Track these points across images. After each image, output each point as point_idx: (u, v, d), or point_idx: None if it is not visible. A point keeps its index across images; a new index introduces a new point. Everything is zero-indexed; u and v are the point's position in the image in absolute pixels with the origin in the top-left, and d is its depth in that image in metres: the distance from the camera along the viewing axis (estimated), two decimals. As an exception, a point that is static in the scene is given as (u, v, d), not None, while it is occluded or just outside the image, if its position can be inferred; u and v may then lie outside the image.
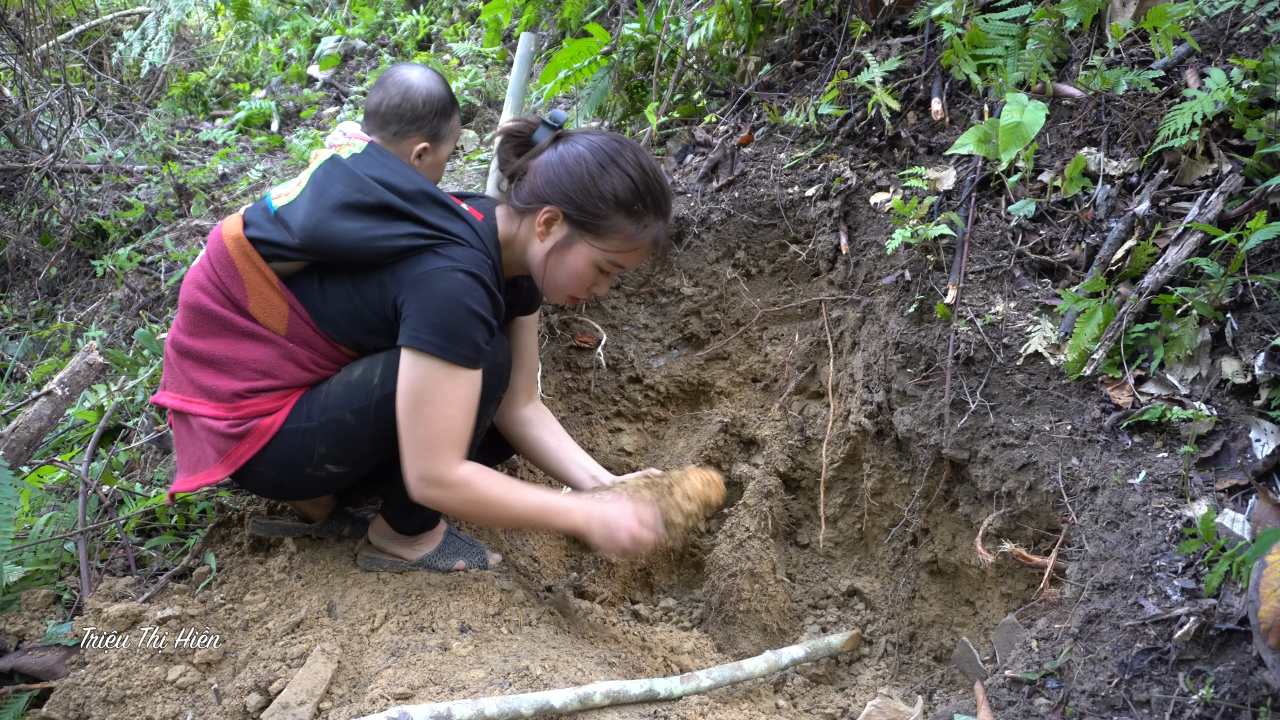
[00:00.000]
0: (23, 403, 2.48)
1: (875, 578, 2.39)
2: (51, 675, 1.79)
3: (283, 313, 1.82)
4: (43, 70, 4.70)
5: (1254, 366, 1.61)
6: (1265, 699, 1.27)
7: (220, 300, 1.84)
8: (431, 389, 1.69)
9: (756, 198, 2.56)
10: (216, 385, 1.84)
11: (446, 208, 1.80)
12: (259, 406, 1.83)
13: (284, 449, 1.82)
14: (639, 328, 2.72)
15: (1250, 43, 1.99)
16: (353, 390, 1.82)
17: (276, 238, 1.80)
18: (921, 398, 2.06)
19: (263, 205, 1.88)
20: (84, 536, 2.12)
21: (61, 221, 4.38)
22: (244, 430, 1.82)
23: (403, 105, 2.31)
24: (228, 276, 1.84)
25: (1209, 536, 1.42)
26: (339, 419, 1.81)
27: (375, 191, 1.77)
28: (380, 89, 2.34)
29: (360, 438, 1.83)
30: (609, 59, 3.06)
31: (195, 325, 1.87)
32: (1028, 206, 2.03)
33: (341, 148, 1.89)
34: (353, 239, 1.74)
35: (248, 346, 1.84)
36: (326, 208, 1.77)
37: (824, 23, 2.82)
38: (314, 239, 1.76)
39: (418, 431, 1.70)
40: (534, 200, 1.84)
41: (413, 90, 2.31)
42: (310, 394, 1.85)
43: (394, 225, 1.75)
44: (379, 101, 2.33)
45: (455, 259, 1.72)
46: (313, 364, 1.85)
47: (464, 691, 1.59)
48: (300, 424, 1.82)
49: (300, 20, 5.93)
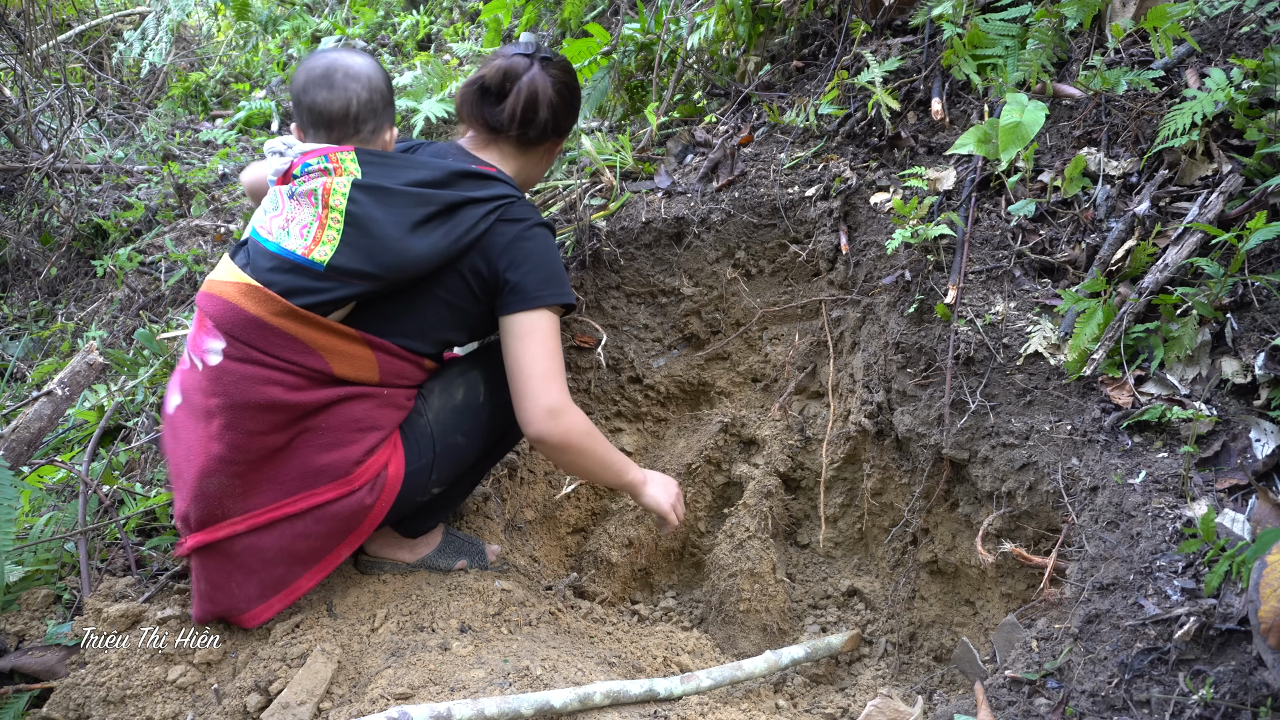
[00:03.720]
0: (23, 403, 2.48)
1: (875, 578, 2.39)
2: (52, 675, 1.79)
3: (370, 360, 1.75)
4: (43, 70, 4.70)
5: (1254, 366, 1.61)
6: (1265, 699, 1.27)
7: (299, 384, 1.69)
8: (544, 332, 1.79)
9: (756, 198, 2.56)
10: (329, 462, 1.71)
11: (476, 176, 1.85)
12: (379, 461, 1.78)
13: (407, 490, 1.83)
14: (639, 328, 2.72)
15: (1250, 43, 1.99)
16: (461, 413, 1.87)
17: (343, 293, 1.69)
18: (921, 398, 2.06)
19: (288, 265, 1.68)
20: (84, 536, 2.12)
21: (62, 221, 4.38)
22: (379, 492, 1.77)
23: (373, 98, 1.95)
24: (298, 354, 1.68)
25: (1209, 536, 1.42)
26: (452, 444, 1.86)
27: (431, 197, 1.76)
28: (334, 89, 1.91)
29: (469, 455, 1.90)
30: (609, 59, 3.06)
31: (269, 423, 1.68)
32: (1028, 206, 2.03)
33: (334, 172, 1.75)
34: (442, 248, 1.74)
35: (342, 410, 1.73)
36: (399, 236, 1.71)
37: (824, 23, 2.82)
38: (401, 269, 1.72)
39: (537, 370, 1.77)
40: (550, 135, 2.01)
41: (374, 79, 1.96)
42: (411, 429, 1.83)
43: (463, 216, 1.78)
44: (345, 103, 1.92)
45: (525, 217, 1.84)
46: (406, 400, 1.84)
47: (464, 691, 1.59)
48: (418, 461, 1.82)
49: (300, 20, 5.93)
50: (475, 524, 2.36)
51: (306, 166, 1.77)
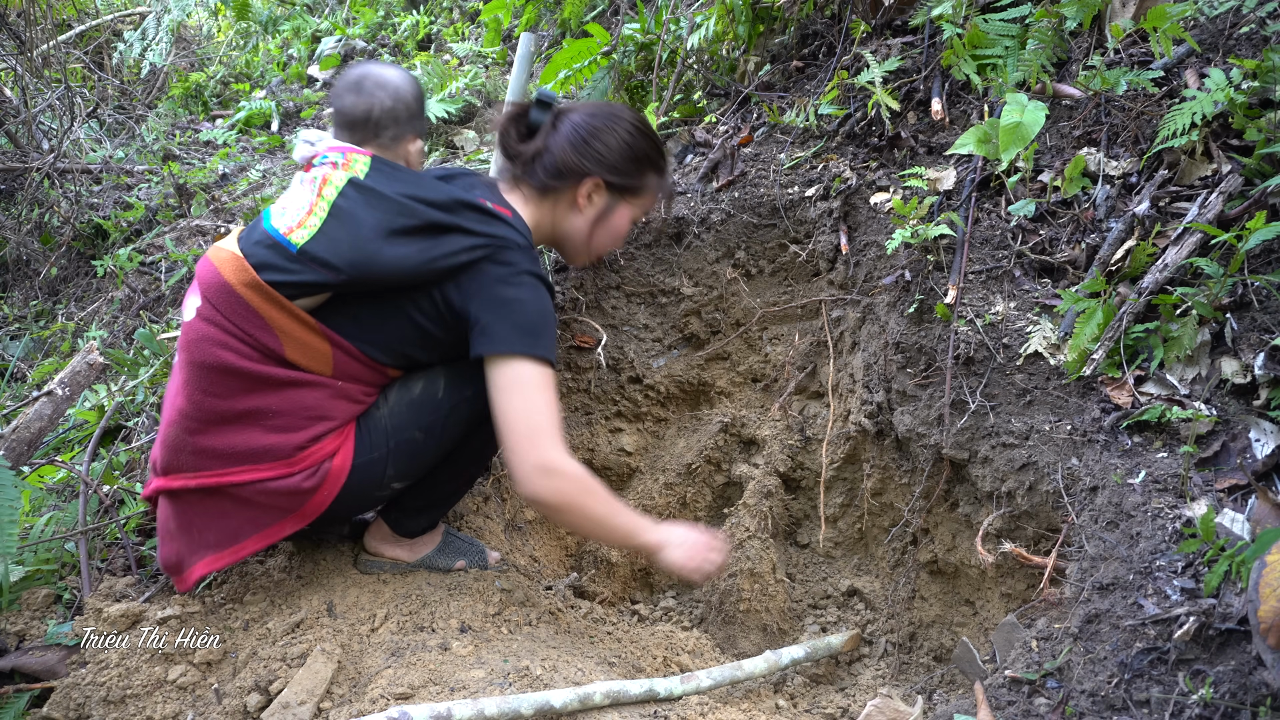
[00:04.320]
0: (23, 403, 2.48)
1: (875, 578, 2.39)
2: (52, 675, 1.79)
3: (325, 353, 1.75)
4: (43, 70, 4.71)
5: (1254, 366, 1.61)
6: (1265, 699, 1.27)
7: (251, 355, 1.72)
8: (527, 385, 1.70)
9: (756, 198, 2.56)
10: (273, 443, 1.73)
11: (483, 212, 1.78)
12: (323, 450, 1.78)
13: (356, 482, 1.81)
14: (639, 328, 2.72)
15: (1250, 43, 1.99)
16: (418, 408, 1.82)
17: (308, 278, 1.70)
18: (921, 398, 2.06)
19: (269, 241, 1.75)
20: (84, 536, 2.12)
21: (62, 221, 4.38)
22: (319, 480, 1.77)
23: (396, 107, 2.18)
24: (254, 327, 1.71)
25: (1209, 536, 1.42)
26: (409, 439, 1.82)
27: (418, 212, 1.73)
28: (361, 94, 2.16)
29: (428, 451, 1.85)
30: (609, 59, 3.06)
31: (224, 387, 1.72)
32: (1028, 206, 2.03)
33: (342, 166, 1.82)
34: (411, 264, 1.71)
35: (295, 395, 1.75)
36: (372, 238, 1.71)
37: (824, 23, 2.82)
38: (366, 271, 1.70)
39: (522, 427, 1.68)
40: (569, 175, 1.89)
41: (401, 90, 2.19)
42: (366, 421, 1.82)
43: (446, 241, 1.73)
44: (368, 108, 2.16)
45: (517, 264, 1.75)
46: (364, 395, 1.83)
47: (464, 691, 1.59)
48: (369, 454, 1.81)
49: (300, 20, 5.93)
50: (475, 524, 2.36)
51: (324, 159, 1.85)
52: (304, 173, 1.87)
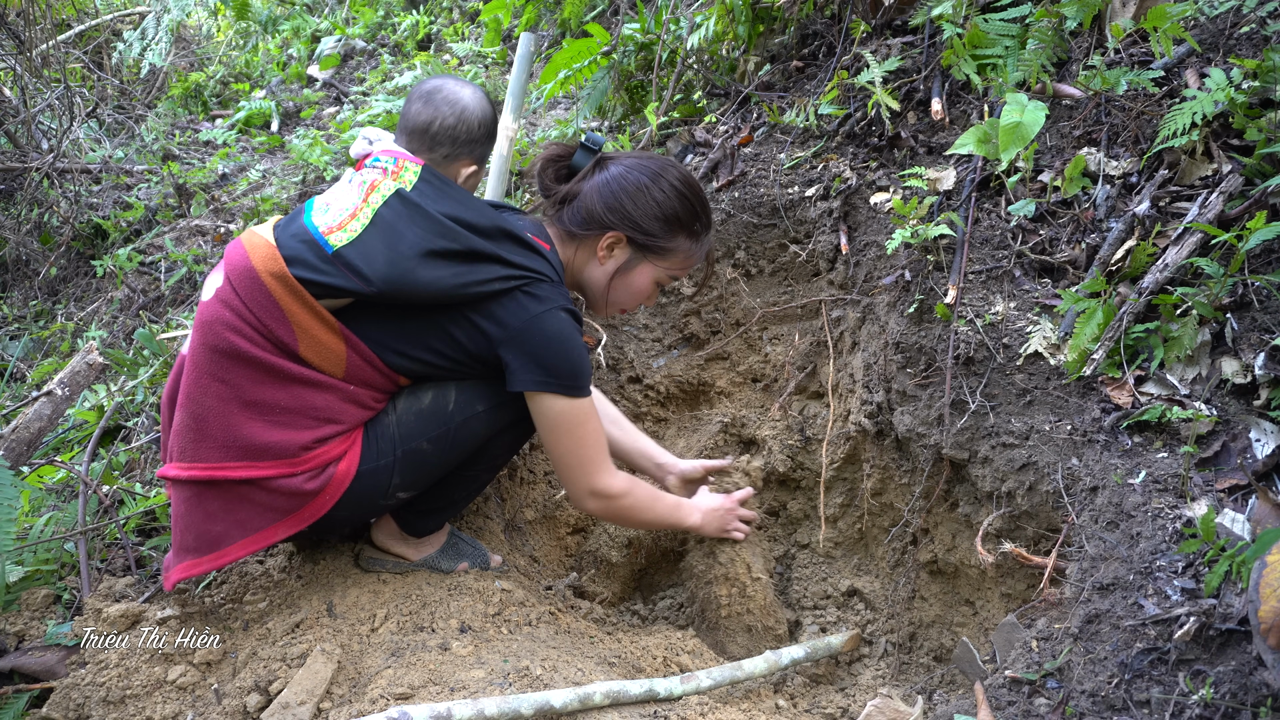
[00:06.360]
0: (23, 403, 2.48)
1: (875, 578, 2.39)
2: (51, 675, 1.79)
3: (339, 355, 1.73)
4: (43, 70, 4.70)
5: (1254, 366, 1.61)
6: (1265, 699, 1.27)
7: (263, 345, 1.69)
8: (569, 420, 1.79)
9: (756, 198, 2.56)
10: (277, 440, 1.70)
11: (523, 244, 1.79)
12: (329, 453, 1.75)
13: (361, 489, 1.80)
14: (639, 328, 2.72)
15: (1250, 43, 1.99)
16: (427, 419, 1.81)
17: (338, 282, 1.68)
18: (921, 398, 2.06)
19: (306, 236, 1.73)
20: (84, 536, 2.12)
21: (61, 221, 4.38)
22: (322, 483, 1.75)
23: (458, 127, 2.10)
24: (271, 319, 1.68)
25: (1209, 536, 1.42)
26: (415, 449, 1.81)
27: (460, 236, 1.72)
28: (428, 105, 2.09)
29: (435, 463, 1.85)
30: (609, 59, 3.06)
31: (231, 373, 1.69)
32: (1028, 206, 2.03)
33: (391, 173, 1.81)
34: (444, 286, 1.70)
35: (303, 394, 1.72)
36: (409, 255, 1.69)
37: (824, 23, 2.82)
38: (398, 287, 1.69)
39: (572, 459, 1.83)
40: (593, 225, 1.89)
41: (468, 112, 2.11)
42: (374, 429, 1.81)
43: (482, 269, 1.72)
44: (429, 120, 2.08)
45: (549, 298, 1.76)
46: (373, 401, 1.81)
47: (464, 691, 1.59)
48: (375, 462, 1.79)
49: (300, 20, 5.93)
50: (475, 524, 2.36)
51: (376, 160, 1.86)
52: (354, 171, 1.87)
